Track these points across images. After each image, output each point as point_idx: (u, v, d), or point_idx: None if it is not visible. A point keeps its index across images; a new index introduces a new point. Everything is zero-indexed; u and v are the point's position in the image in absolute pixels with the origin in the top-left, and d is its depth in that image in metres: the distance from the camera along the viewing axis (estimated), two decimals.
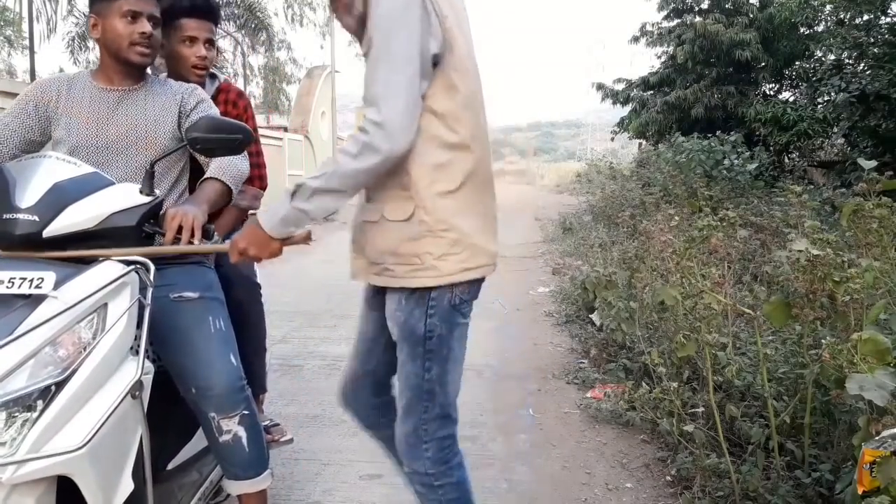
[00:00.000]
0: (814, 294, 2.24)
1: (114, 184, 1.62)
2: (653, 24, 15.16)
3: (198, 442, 1.99)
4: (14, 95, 8.23)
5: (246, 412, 1.82)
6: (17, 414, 1.25)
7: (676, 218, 3.66)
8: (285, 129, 15.30)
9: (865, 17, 9.76)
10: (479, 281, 1.61)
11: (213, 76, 2.46)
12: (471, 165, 1.53)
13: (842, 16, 10.63)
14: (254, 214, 1.68)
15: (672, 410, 2.77)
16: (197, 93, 2.02)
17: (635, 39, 15.40)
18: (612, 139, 18.69)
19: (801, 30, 12.58)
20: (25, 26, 12.78)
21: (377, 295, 1.67)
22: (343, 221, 13.79)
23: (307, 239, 1.60)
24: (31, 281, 1.39)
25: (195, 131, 1.66)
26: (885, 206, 2.62)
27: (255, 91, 20.67)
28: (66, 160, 1.61)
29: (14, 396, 1.25)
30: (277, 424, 2.54)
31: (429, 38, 1.41)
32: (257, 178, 2.42)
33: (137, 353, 1.49)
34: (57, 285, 1.40)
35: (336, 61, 16.34)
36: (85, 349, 1.39)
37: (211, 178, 1.86)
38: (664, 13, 14.94)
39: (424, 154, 1.46)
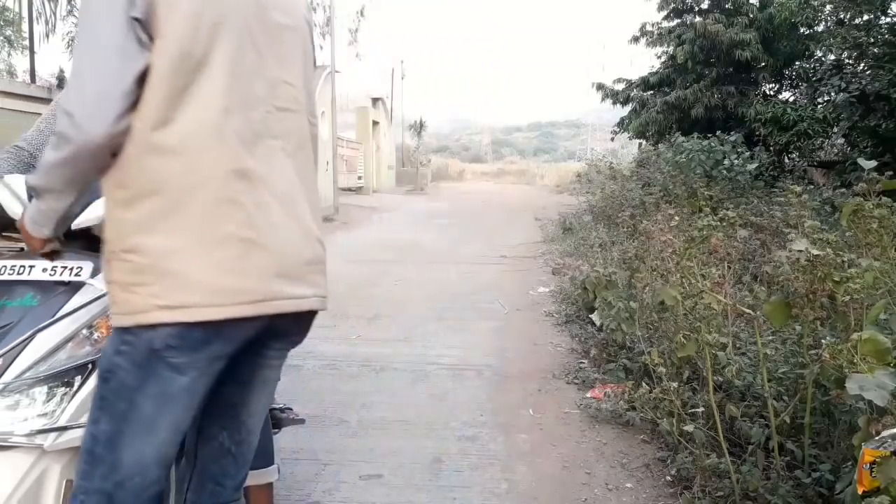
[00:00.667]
0: (814, 294, 2.24)
1: None
2: (653, 24, 15.16)
3: None
4: (14, 95, 8.24)
5: None
6: (56, 389, 1.39)
7: (676, 218, 3.66)
8: None
9: (865, 17, 9.76)
10: (204, 324, 1.17)
11: None
12: (181, 171, 1.16)
13: (842, 16, 10.62)
14: None
15: (672, 410, 2.77)
16: None
17: (635, 39, 15.39)
18: (612, 139, 18.66)
19: (801, 30, 12.57)
20: (25, 26, 12.77)
21: None
22: (343, 221, 13.79)
23: (51, 253, 1.37)
24: (71, 269, 1.53)
25: None
26: (885, 206, 2.63)
27: None
28: None
29: (55, 372, 1.39)
30: (290, 408, 2.68)
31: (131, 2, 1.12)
32: None
33: None
34: (93, 274, 1.53)
35: (336, 61, 16.35)
36: None
37: None
38: (664, 13, 14.94)
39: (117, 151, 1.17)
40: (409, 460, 2.84)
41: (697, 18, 13.86)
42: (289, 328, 1.37)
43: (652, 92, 15.51)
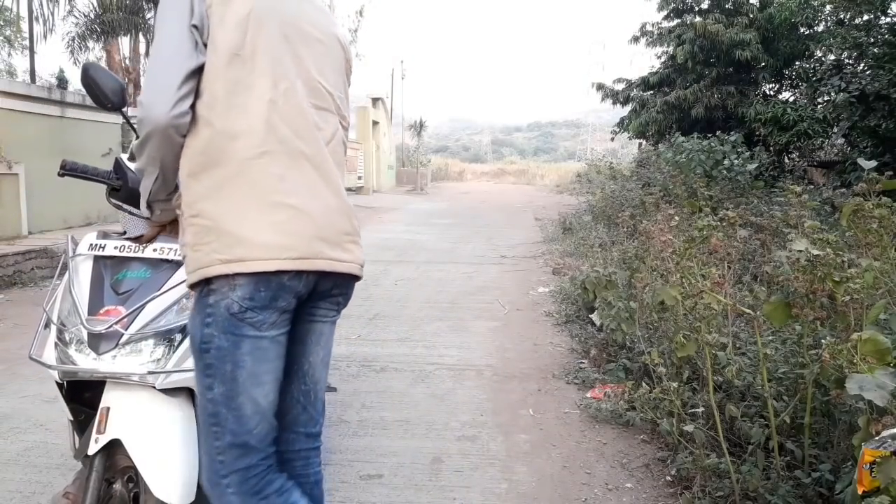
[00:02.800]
0: (814, 294, 2.24)
1: None
2: (653, 24, 15.18)
3: None
4: (14, 95, 8.22)
5: None
6: (163, 343, 1.73)
7: (676, 218, 3.66)
8: None
9: (865, 17, 9.77)
10: (267, 282, 1.39)
11: None
12: (239, 149, 1.41)
13: (842, 16, 10.64)
14: None
15: (672, 410, 2.77)
16: None
17: (635, 39, 15.41)
18: (612, 139, 18.68)
19: (801, 30, 12.59)
20: (25, 26, 12.76)
21: None
22: None
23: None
24: (175, 250, 1.85)
25: None
26: (885, 206, 2.63)
27: None
28: None
29: (163, 329, 1.73)
30: None
31: (191, 10, 1.40)
32: None
33: None
34: None
35: None
36: None
37: None
38: (664, 13, 14.95)
39: (188, 133, 1.42)
40: (409, 460, 2.84)
41: (697, 18, 13.87)
42: (330, 289, 1.57)
43: (652, 92, 15.52)
